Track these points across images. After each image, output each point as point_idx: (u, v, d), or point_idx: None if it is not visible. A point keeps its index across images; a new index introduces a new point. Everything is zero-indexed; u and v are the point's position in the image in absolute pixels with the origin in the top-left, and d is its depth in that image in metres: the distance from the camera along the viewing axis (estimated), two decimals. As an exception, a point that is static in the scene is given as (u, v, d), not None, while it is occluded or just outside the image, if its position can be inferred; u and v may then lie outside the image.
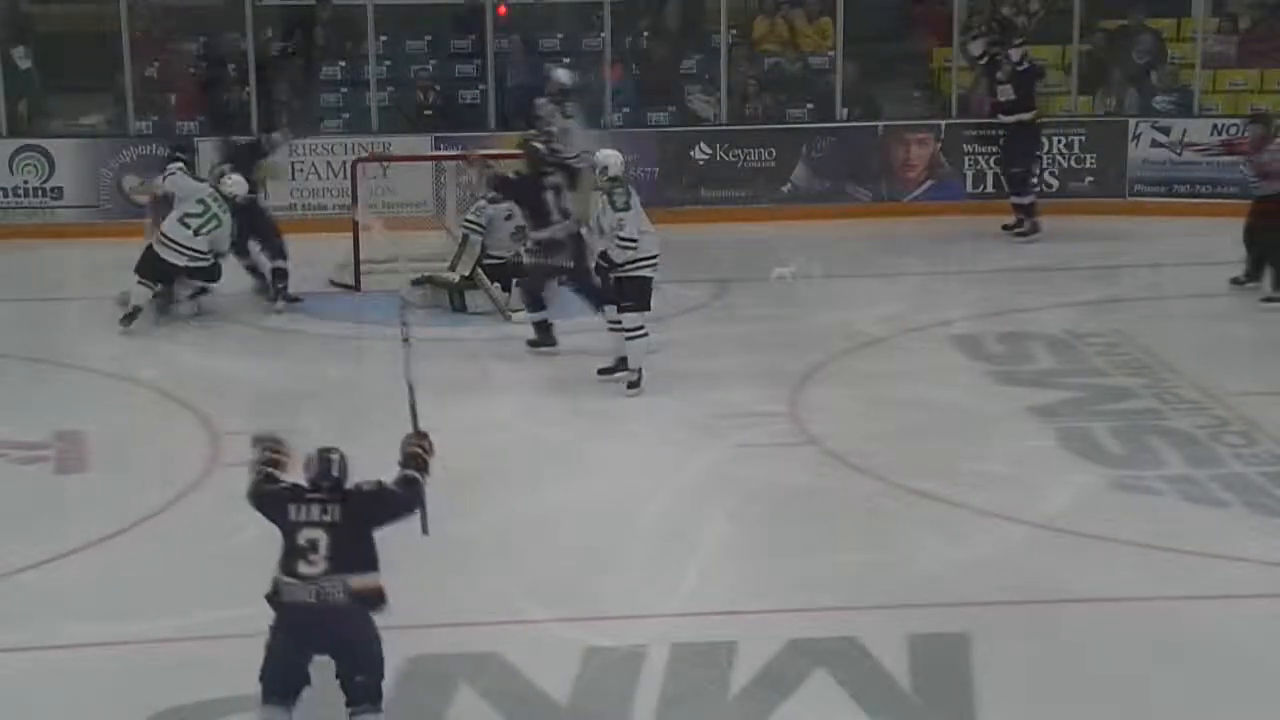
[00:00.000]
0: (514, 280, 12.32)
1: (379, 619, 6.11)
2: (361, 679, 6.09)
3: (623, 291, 10.32)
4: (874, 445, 9.34)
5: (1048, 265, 13.75)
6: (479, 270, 12.38)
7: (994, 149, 15.48)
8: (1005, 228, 14.80)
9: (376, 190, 13.96)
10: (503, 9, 16.39)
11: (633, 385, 10.38)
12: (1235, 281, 12.57)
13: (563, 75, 14.06)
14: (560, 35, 16.70)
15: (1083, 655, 6.87)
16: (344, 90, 16.18)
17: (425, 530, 6.60)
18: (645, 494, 8.66)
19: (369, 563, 6.21)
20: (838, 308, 12.46)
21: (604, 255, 10.42)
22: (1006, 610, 7.34)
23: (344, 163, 14.34)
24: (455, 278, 12.41)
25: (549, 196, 11.17)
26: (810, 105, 16.21)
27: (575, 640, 6.94)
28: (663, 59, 16.65)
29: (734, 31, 16.48)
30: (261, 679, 6.07)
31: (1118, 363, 11.02)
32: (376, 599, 6.15)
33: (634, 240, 10.22)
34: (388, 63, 16.23)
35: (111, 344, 11.41)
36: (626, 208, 10.24)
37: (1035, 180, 15.14)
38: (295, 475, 6.41)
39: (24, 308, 12.80)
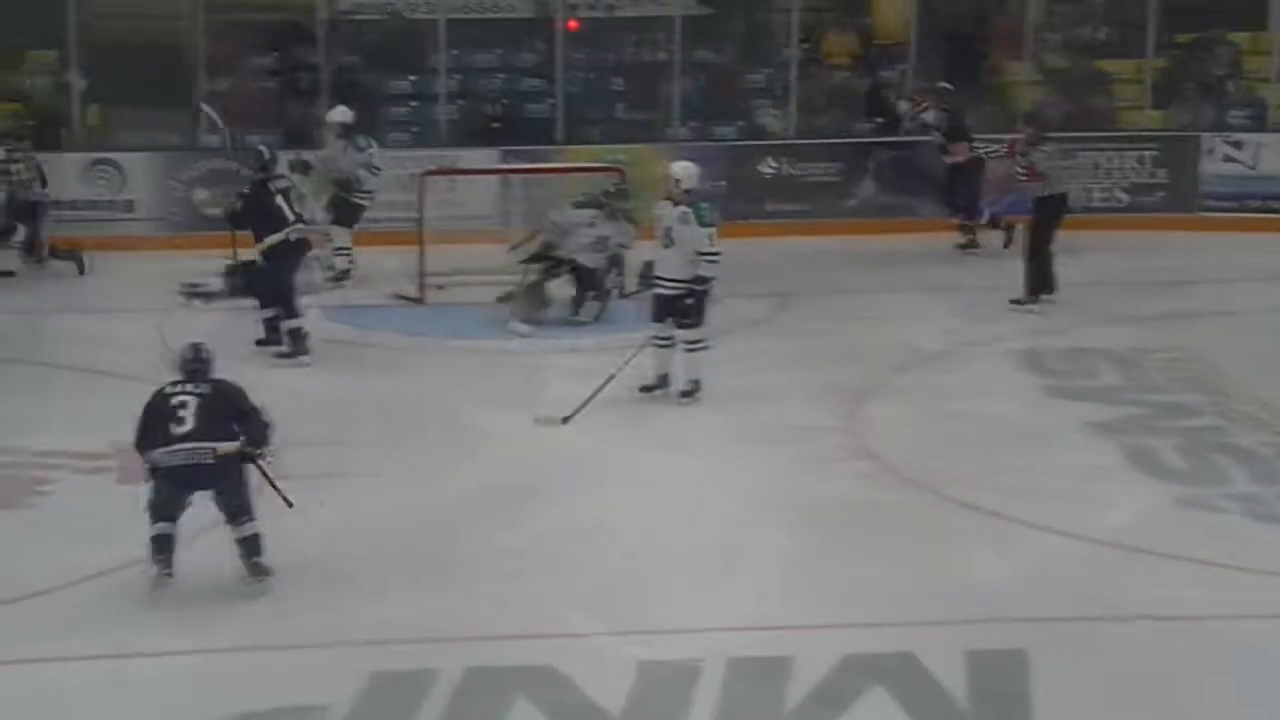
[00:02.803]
0: (589, 290, 12.40)
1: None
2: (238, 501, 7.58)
3: (688, 308, 10.30)
4: (932, 460, 9.30)
5: (1113, 280, 13.62)
6: (536, 265, 12.42)
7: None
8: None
9: (443, 203, 14.01)
10: (574, 23, 16.46)
11: (686, 395, 10.38)
12: None
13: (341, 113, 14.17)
14: (630, 49, 16.76)
15: (1143, 673, 6.82)
16: (413, 104, 16.31)
17: (289, 503, 7.82)
18: (701, 507, 8.66)
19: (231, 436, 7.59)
20: (899, 322, 12.41)
21: (650, 267, 10.45)
22: (1065, 626, 7.27)
23: (411, 175, 14.42)
24: (529, 279, 12.45)
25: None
26: (879, 120, 16.17)
27: (630, 654, 6.94)
28: (730, 73, 16.65)
29: (804, 45, 16.47)
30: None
31: (1182, 379, 10.93)
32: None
33: (719, 254, 10.22)
34: (457, 76, 16.33)
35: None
36: (714, 223, 10.24)
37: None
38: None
39: (89, 320, 12.93)
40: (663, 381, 10.48)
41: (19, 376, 11.26)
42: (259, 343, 11.58)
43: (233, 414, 7.70)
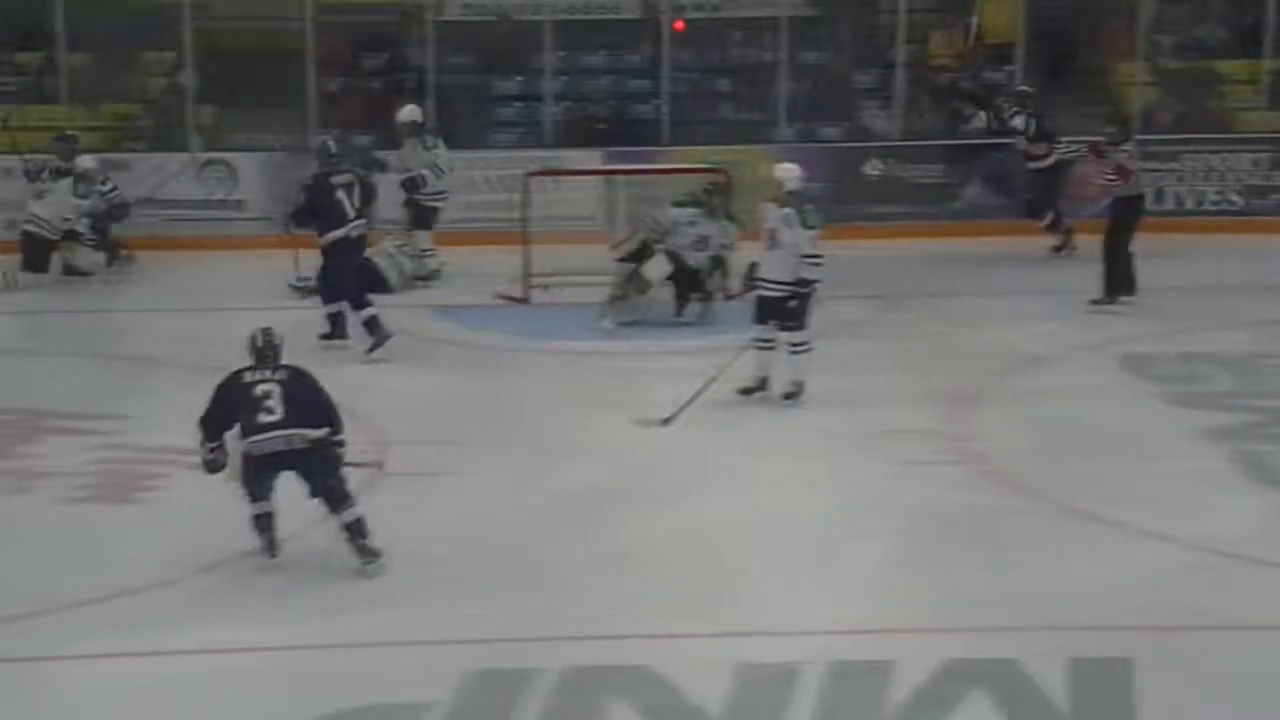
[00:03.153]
0: (692, 291, 12.40)
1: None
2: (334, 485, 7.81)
3: (790, 310, 10.26)
4: (1036, 464, 9.21)
5: (1230, 284, 13.39)
6: (645, 280, 12.43)
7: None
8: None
9: (547, 204, 14.07)
10: (680, 24, 16.47)
11: (788, 397, 10.35)
12: None
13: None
14: (736, 50, 16.74)
15: (1250, 683, 6.69)
16: (519, 104, 16.40)
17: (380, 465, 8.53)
18: (801, 510, 8.63)
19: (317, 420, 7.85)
20: (1005, 325, 12.30)
21: (754, 269, 10.42)
22: (1172, 635, 7.16)
23: (516, 176, 14.48)
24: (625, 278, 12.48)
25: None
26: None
27: (728, 655, 6.91)
28: (836, 74, 16.58)
29: (910, 46, 16.36)
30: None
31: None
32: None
33: (822, 257, 10.18)
34: (563, 77, 16.40)
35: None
36: (818, 225, 10.20)
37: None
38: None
39: (200, 318, 13.12)
40: (762, 384, 10.45)
41: (130, 373, 11.45)
42: (322, 337, 11.67)
43: (310, 398, 7.93)
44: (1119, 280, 12.71)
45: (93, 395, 10.70)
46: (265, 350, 8.06)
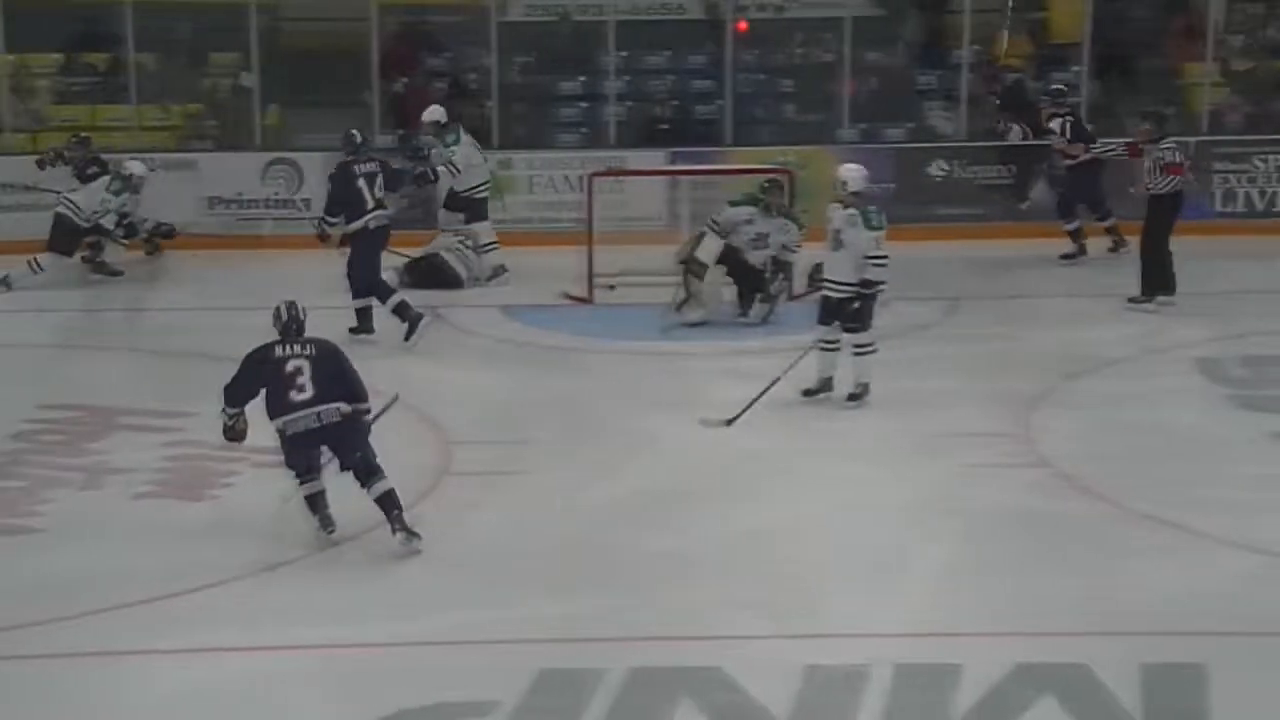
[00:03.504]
0: (755, 291, 12.39)
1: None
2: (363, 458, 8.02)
3: (855, 311, 10.23)
4: (1106, 468, 9.13)
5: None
6: (699, 262, 12.43)
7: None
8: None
9: (611, 204, 14.08)
10: (743, 24, 16.46)
11: (853, 398, 10.31)
12: None
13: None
14: (799, 50, 16.71)
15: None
16: (582, 105, 16.42)
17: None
18: (869, 511, 8.59)
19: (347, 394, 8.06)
20: (1073, 328, 12.23)
21: (819, 270, 10.39)
22: (1245, 641, 7.09)
23: (580, 176, 14.51)
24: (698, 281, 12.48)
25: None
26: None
27: (796, 657, 6.89)
28: (900, 74, 16.52)
29: (976, 47, 16.28)
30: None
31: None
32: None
33: (887, 258, 10.15)
34: (626, 78, 16.41)
35: (347, 352, 11.68)
36: (881, 226, 10.17)
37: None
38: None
39: (265, 316, 13.15)
40: (826, 385, 10.41)
41: (198, 370, 11.49)
42: (351, 331, 11.73)
43: (337, 370, 8.12)
44: (1157, 279, 12.65)
45: (161, 392, 10.79)
46: (290, 324, 8.26)
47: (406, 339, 11.74)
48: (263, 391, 8.12)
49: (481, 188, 14.21)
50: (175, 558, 8.01)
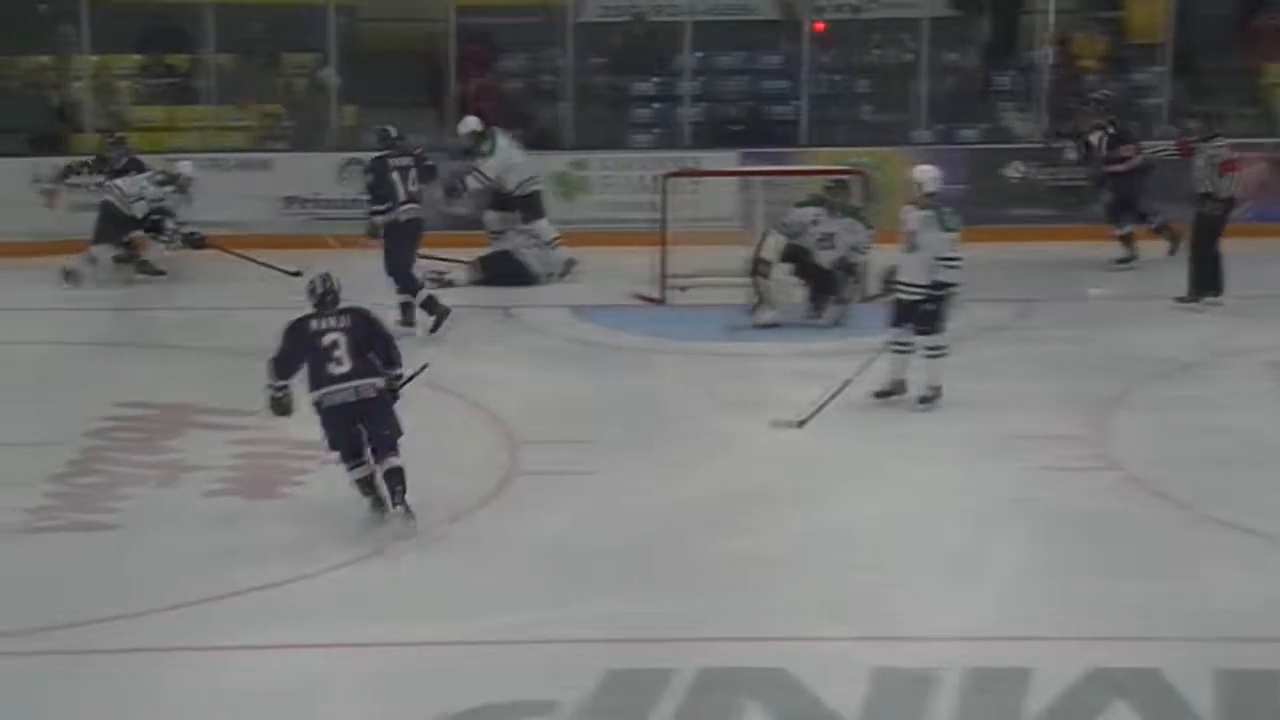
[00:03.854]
0: (826, 292, 12.36)
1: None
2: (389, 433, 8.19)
3: (928, 313, 10.17)
4: (1179, 472, 9.04)
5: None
6: (765, 261, 12.41)
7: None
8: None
9: (685, 205, 14.07)
10: (820, 25, 16.42)
11: (925, 401, 10.26)
12: None
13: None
14: (876, 51, 16.65)
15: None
16: (657, 105, 16.43)
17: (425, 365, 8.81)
18: (938, 515, 8.55)
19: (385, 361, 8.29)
20: (1148, 330, 12.11)
21: (893, 272, 10.34)
22: (1320, 649, 7.01)
23: (653, 177, 14.52)
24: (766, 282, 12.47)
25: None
26: (1134, 123, 15.76)
27: (865, 659, 6.86)
28: (976, 75, 16.42)
29: (1054, 48, 16.16)
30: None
31: None
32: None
33: (961, 259, 10.09)
34: (701, 78, 16.40)
35: (418, 353, 11.75)
36: (956, 228, 10.12)
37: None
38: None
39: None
40: (898, 387, 10.36)
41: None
42: (399, 323, 11.80)
43: (372, 339, 8.36)
44: (1206, 279, 12.56)
45: (233, 390, 10.83)
46: (326, 296, 8.47)
47: (433, 330, 11.92)
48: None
49: (526, 185, 14.27)
50: (247, 555, 8.07)
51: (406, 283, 12.17)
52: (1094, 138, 14.41)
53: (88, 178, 14.71)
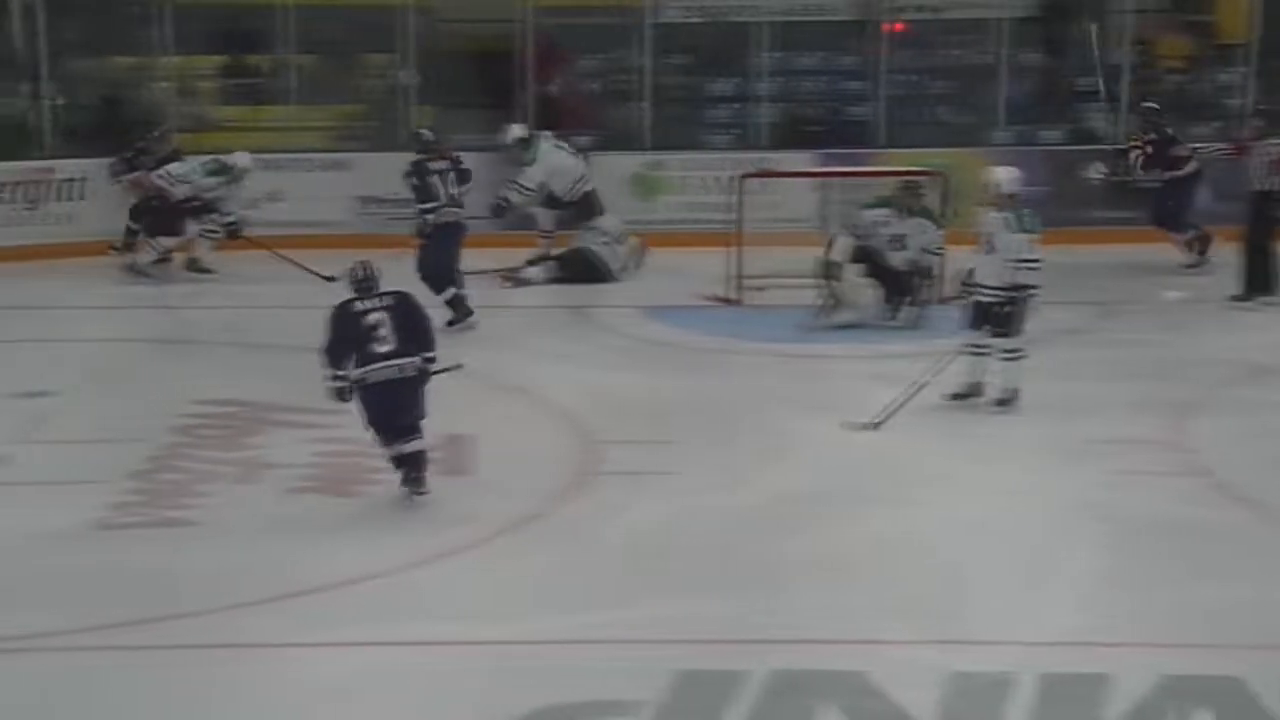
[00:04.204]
0: (899, 293, 12.32)
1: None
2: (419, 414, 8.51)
3: (1005, 316, 10.10)
4: (1260, 477, 8.93)
5: None
6: (834, 264, 12.37)
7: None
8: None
9: (761, 205, 14.06)
10: (898, 25, 16.36)
11: (1001, 404, 10.19)
12: None
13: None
14: (954, 52, 16.56)
15: None
16: (733, 106, 16.42)
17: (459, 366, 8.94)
18: (1015, 518, 8.48)
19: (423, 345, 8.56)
20: (1229, 333, 11.99)
21: (970, 274, 10.29)
22: (1407, 659, 6.90)
23: (729, 177, 14.51)
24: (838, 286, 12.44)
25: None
26: (1217, 124, 15.60)
27: (940, 663, 6.81)
28: (1057, 75, 16.29)
29: (1138, 48, 16.01)
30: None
31: None
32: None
33: (1040, 261, 10.02)
34: (778, 79, 16.38)
35: (493, 352, 11.84)
36: (1034, 229, 10.05)
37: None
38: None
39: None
40: (975, 390, 10.30)
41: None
42: (449, 324, 11.95)
43: (415, 322, 8.66)
44: (1259, 278, 12.48)
45: (318, 389, 10.94)
46: (366, 281, 8.71)
47: (449, 325, 11.97)
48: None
49: (576, 189, 14.32)
50: (326, 552, 8.12)
51: (439, 283, 12.24)
52: (1132, 155, 14.28)
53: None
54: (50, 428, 10.12)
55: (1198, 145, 14.28)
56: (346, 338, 8.61)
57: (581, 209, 14.41)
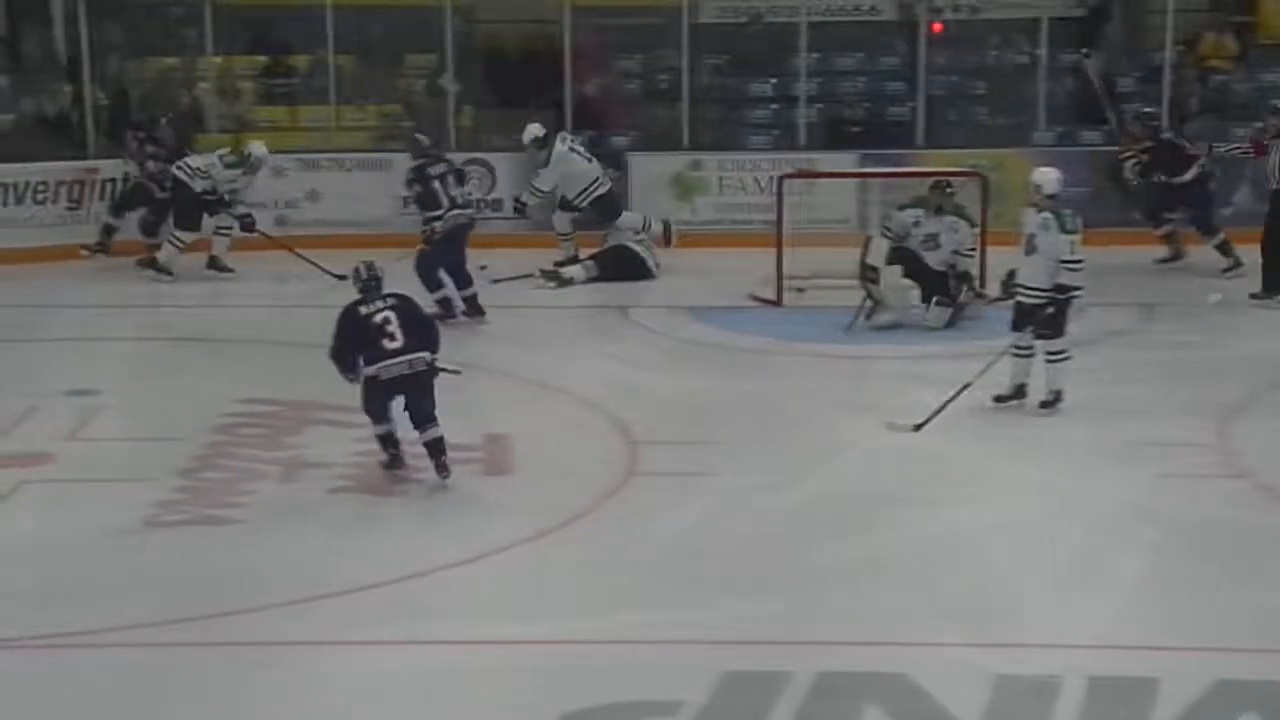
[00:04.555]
0: (934, 294, 12.28)
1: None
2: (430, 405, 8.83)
3: (1048, 317, 10.06)
4: (1311, 481, 8.87)
5: None
6: (871, 266, 12.35)
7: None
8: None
9: (801, 206, 14.05)
10: (938, 25, 16.32)
11: (1045, 405, 10.14)
12: None
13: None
14: (994, 52, 16.51)
15: None
16: (773, 106, 16.40)
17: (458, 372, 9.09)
18: (1059, 521, 8.43)
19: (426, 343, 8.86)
20: (1272, 336, 11.88)
21: (1012, 275, 10.26)
22: None
23: (769, 178, 14.50)
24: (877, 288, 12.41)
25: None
26: (1258, 124, 15.48)
27: (987, 666, 6.77)
28: (1099, 75, 16.23)
29: (1179, 48, 15.93)
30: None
31: None
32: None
33: (1082, 262, 9.98)
34: (818, 79, 16.35)
35: (534, 352, 11.86)
36: (1077, 230, 10.01)
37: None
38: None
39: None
40: (1019, 392, 10.24)
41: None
42: (465, 315, 12.30)
43: (419, 322, 8.98)
44: (1277, 277, 12.45)
45: (354, 388, 10.98)
46: (370, 282, 9.01)
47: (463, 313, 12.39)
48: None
49: (589, 194, 14.32)
50: (368, 551, 8.14)
51: (431, 283, 12.41)
52: (1128, 167, 14.20)
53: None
54: (95, 426, 10.17)
55: (1215, 145, 14.17)
56: (353, 339, 8.91)
57: (599, 213, 14.40)
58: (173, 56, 16.79)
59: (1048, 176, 10.20)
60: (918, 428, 9.75)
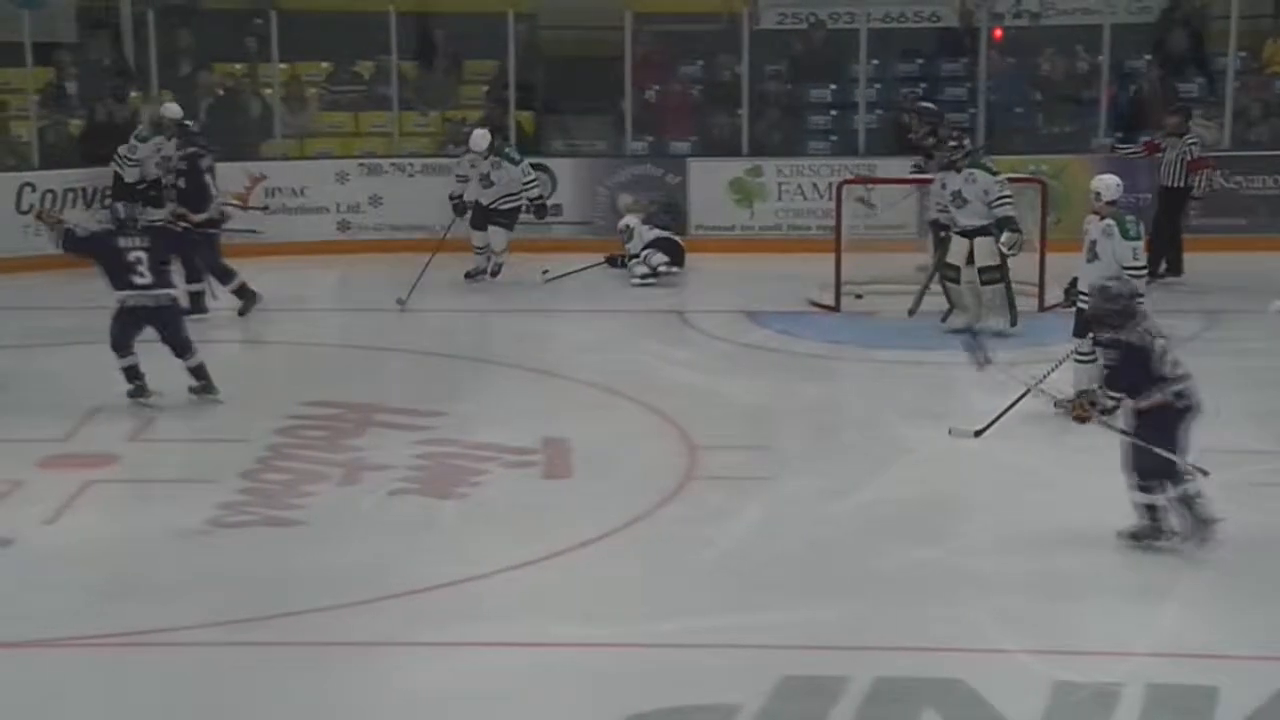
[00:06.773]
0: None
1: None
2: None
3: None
4: (1376, 489, 8.78)
5: None
6: (951, 266, 12.33)
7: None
8: None
9: (860, 212, 14.03)
10: (999, 32, 16.27)
11: (1108, 412, 10.06)
12: None
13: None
14: (1056, 59, 16.44)
15: None
16: (833, 113, 16.39)
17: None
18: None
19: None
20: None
21: (1074, 283, 10.21)
22: None
23: (829, 184, 14.48)
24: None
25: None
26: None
27: (1045, 673, 6.76)
28: (1161, 82, 16.12)
29: (1242, 54, 15.82)
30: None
31: None
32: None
33: (1145, 268, 9.91)
34: (877, 85, 16.32)
35: (593, 355, 11.90)
36: (1139, 236, 9.96)
37: None
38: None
39: (521, 318, 13.45)
40: (1082, 397, 10.19)
41: (456, 371, 11.82)
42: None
43: (164, 263, 10.58)
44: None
45: (420, 391, 11.08)
46: (128, 221, 10.40)
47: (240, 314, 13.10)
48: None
49: (506, 200, 14.35)
50: (427, 553, 8.20)
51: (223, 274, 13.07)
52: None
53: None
54: (158, 427, 10.29)
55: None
56: (99, 251, 10.38)
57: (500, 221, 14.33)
58: (239, 63, 16.90)
59: (1107, 183, 10.16)
60: (978, 434, 9.72)
